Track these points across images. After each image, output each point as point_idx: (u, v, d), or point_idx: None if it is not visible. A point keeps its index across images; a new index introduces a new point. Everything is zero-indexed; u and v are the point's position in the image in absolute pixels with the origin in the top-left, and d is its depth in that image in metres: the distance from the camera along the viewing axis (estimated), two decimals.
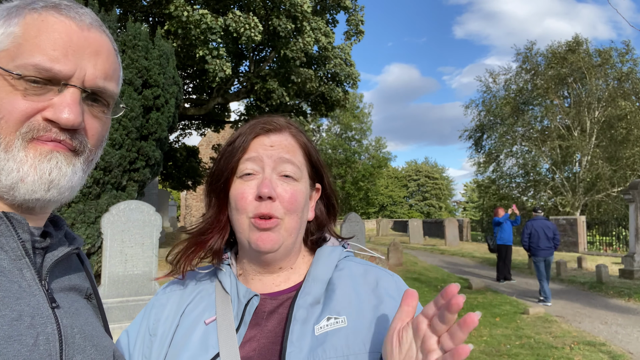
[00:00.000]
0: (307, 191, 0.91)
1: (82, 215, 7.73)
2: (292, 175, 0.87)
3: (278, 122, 0.91)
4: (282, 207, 0.84)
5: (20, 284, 0.62)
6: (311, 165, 0.93)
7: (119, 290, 6.09)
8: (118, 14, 12.95)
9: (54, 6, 0.67)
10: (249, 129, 0.89)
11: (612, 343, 6.24)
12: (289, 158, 0.87)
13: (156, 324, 0.90)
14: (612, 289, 10.16)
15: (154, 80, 8.98)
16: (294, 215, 0.86)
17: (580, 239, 19.20)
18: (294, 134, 0.92)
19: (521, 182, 30.60)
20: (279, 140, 0.89)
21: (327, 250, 0.93)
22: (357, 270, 0.92)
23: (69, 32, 0.65)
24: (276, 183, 0.85)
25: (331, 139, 52.46)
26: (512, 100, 28.89)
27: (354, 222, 11.80)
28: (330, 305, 0.84)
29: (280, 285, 0.90)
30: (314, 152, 0.93)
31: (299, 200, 0.86)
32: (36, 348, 0.59)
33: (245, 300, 0.86)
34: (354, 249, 1.02)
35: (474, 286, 10.53)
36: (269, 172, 0.85)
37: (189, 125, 21.53)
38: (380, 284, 0.89)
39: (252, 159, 0.86)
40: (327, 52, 16.63)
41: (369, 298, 0.86)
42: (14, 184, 0.63)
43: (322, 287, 0.86)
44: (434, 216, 55.00)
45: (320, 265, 0.90)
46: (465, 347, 0.62)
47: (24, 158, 0.63)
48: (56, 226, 0.74)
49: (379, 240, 27.21)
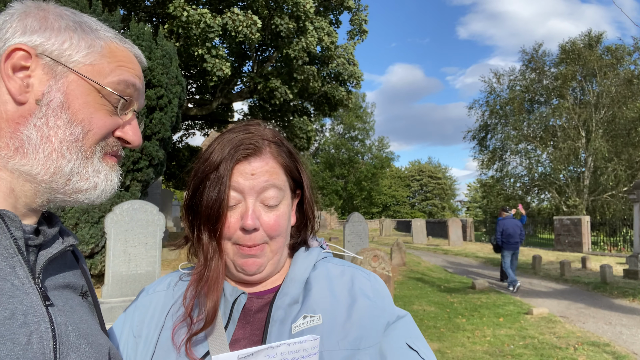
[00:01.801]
0: (289, 207, 0.92)
1: (86, 214, 7.76)
2: (274, 203, 0.86)
3: (257, 143, 0.87)
4: (266, 234, 0.85)
5: (13, 282, 0.61)
6: (292, 179, 0.93)
7: (123, 289, 6.11)
8: (121, 15, 13.00)
9: (121, 39, 0.76)
10: (229, 153, 0.85)
11: (616, 343, 6.21)
12: (271, 183, 0.86)
13: (140, 325, 0.89)
14: (617, 289, 10.11)
15: (157, 80, 9.00)
16: (279, 237, 0.88)
17: (585, 239, 19.12)
18: (275, 156, 0.89)
19: (526, 182, 30.49)
20: (260, 167, 0.86)
21: (304, 253, 0.95)
22: (334, 270, 0.94)
23: (137, 66, 0.77)
24: (259, 212, 0.85)
25: (334, 138, 52.45)
26: (517, 99, 28.77)
27: (357, 222, 11.80)
28: (307, 304, 0.86)
29: (267, 285, 0.92)
30: (294, 167, 0.92)
31: (282, 225, 0.87)
32: (29, 347, 0.59)
33: (232, 299, 0.87)
34: (332, 250, 1.04)
35: (477, 286, 10.50)
36: (252, 202, 0.84)
37: (192, 126, 21.56)
38: (356, 283, 0.91)
39: (234, 189, 0.85)
40: (330, 51, 16.62)
41: (344, 297, 0.88)
42: (87, 189, 0.70)
43: (299, 287, 0.88)
44: (437, 216, 54.92)
45: (297, 266, 0.92)
46: None
47: (100, 167, 0.71)
48: (50, 223, 0.73)
49: (382, 240, 27.18)
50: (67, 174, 0.67)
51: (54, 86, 0.66)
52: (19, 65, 0.65)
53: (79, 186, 0.69)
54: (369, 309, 0.88)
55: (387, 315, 0.89)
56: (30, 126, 0.65)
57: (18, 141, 0.65)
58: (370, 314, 0.87)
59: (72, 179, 0.68)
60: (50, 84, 0.66)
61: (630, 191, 12.36)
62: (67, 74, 0.67)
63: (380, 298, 0.91)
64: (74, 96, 0.67)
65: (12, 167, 0.65)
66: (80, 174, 0.69)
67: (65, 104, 0.67)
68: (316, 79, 16.35)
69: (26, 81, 0.65)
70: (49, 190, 0.68)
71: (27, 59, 0.65)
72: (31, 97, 0.65)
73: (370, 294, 0.90)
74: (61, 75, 0.67)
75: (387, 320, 0.88)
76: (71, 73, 0.67)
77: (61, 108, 0.66)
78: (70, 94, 0.67)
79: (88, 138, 0.68)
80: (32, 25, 0.67)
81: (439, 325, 7.24)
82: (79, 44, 0.68)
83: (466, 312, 8.18)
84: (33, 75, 0.66)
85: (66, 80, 0.67)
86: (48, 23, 0.68)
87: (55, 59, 0.66)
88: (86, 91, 0.68)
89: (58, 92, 0.66)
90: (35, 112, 0.65)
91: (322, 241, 1.02)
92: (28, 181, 0.66)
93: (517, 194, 30.12)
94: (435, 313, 8.10)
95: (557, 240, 20.37)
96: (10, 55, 0.65)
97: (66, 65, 0.67)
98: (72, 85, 0.67)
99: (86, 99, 0.68)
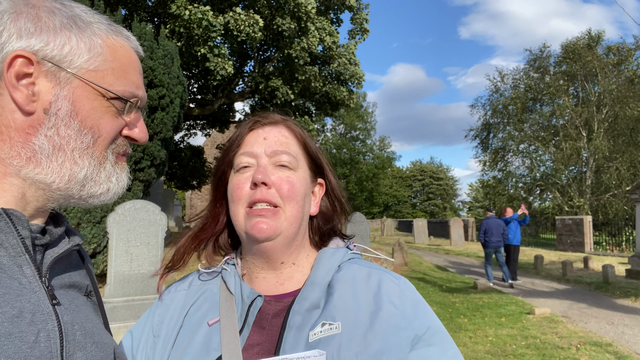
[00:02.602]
0: (307, 181, 0.89)
1: (88, 214, 7.77)
2: (287, 165, 0.86)
3: (274, 117, 0.92)
4: (278, 195, 0.83)
5: (21, 280, 0.62)
6: (309, 156, 0.92)
7: (125, 289, 6.12)
8: (123, 14, 13.01)
9: (117, 31, 0.73)
10: (245, 123, 0.91)
11: (618, 343, 6.19)
12: (284, 149, 0.87)
13: (160, 324, 0.89)
14: (619, 289, 10.10)
15: (158, 80, 9.01)
16: (294, 203, 0.84)
17: (587, 239, 19.07)
18: (289, 126, 0.92)
19: (528, 182, 30.43)
20: (274, 132, 0.89)
21: (329, 252, 0.89)
22: (359, 273, 0.87)
23: (138, 62, 0.76)
24: (271, 171, 0.85)
25: (335, 138, 52.42)
26: (520, 99, 28.73)
27: (359, 222, 11.78)
28: (328, 309, 0.80)
29: (285, 284, 0.88)
30: (311, 144, 0.92)
31: (296, 187, 0.85)
32: (37, 345, 0.59)
33: (249, 301, 0.84)
34: (359, 251, 0.97)
35: (479, 286, 10.49)
36: (264, 162, 0.86)
37: (194, 126, 21.57)
38: (383, 288, 0.84)
39: (246, 153, 0.87)
40: (331, 51, 16.61)
41: (367, 304, 0.82)
42: (101, 193, 0.71)
43: (320, 291, 0.83)
44: (438, 216, 54.84)
45: (320, 267, 0.86)
46: None
47: (112, 171, 0.72)
48: (56, 222, 0.74)
49: (384, 240, 27.17)
50: (81, 181, 0.68)
51: (60, 94, 0.65)
52: (22, 73, 0.63)
53: (93, 191, 0.70)
54: (394, 318, 0.80)
55: (416, 327, 0.80)
56: (42, 136, 0.65)
57: (30, 151, 0.64)
58: (395, 324, 0.79)
59: (87, 184, 0.69)
60: (57, 92, 0.65)
61: (632, 191, 12.33)
62: (71, 80, 0.66)
63: (410, 306, 0.83)
64: (81, 103, 0.67)
65: (25, 176, 0.65)
66: (94, 179, 0.70)
67: (74, 111, 0.66)
68: (317, 78, 16.35)
69: (31, 89, 0.64)
70: (64, 196, 0.69)
71: (28, 65, 0.63)
72: (39, 107, 0.64)
73: (397, 301, 0.82)
74: (65, 81, 0.66)
75: (416, 333, 0.79)
76: (75, 79, 0.66)
77: (70, 116, 0.66)
78: (77, 101, 0.66)
79: (98, 144, 0.69)
80: (27, 27, 0.64)
81: None
82: (78, 46, 0.67)
83: (468, 312, 8.17)
84: (37, 82, 0.64)
85: (71, 87, 0.66)
86: (42, 23, 0.65)
87: (57, 64, 0.65)
88: (92, 97, 0.68)
89: (65, 100, 0.65)
90: (45, 122, 0.65)
91: (350, 241, 0.96)
92: (41, 189, 0.67)
93: (520, 195, 30.06)
94: (437, 313, 8.06)
95: (559, 240, 20.32)
96: (12, 64, 0.62)
97: (70, 72, 0.66)
98: (78, 91, 0.67)
99: (93, 104, 0.68)
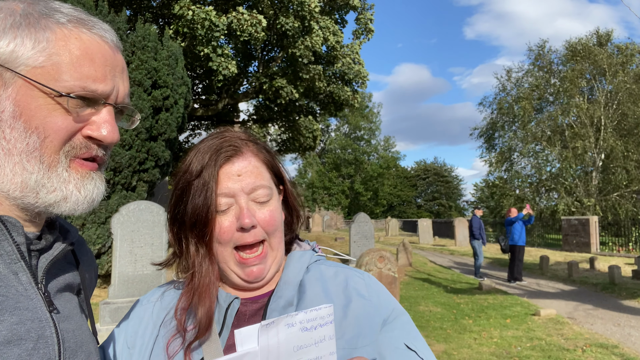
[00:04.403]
0: (279, 202, 0.93)
1: (93, 215, 7.81)
2: (266, 199, 0.87)
3: (236, 144, 0.87)
4: (264, 230, 0.86)
5: (17, 288, 0.62)
6: (273, 172, 0.93)
7: (129, 290, 6.14)
8: (127, 15, 13.07)
9: (80, 21, 0.67)
10: (210, 159, 0.85)
11: (624, 345, 6.14)
12: (260, 183, 0.86)
13: (134, 336, 0.90)
14: (625, 290, 10.01)
15: (163, 81, 9.03)
16: (277, 232, 0.89)
17: (593, 240, 18.94)
18: (255, 153, 0.89)
19: (534, 182, 30.27)
20: (245, 166, 0.86)
21: (297, 255, 0.96)
22: (327, 272, 0.94)
23: (104, 53, 0.67)
24: (253, 210, 0.85)
25: (340, 139, 52.42)
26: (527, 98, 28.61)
27: (363, 222, 11.76)
28: (302, 306, 0.86)
29: (261, 290, 0.91)
30: (273, 160, 0.93)
31: (277, 218, 0.88)
32: (36, 352, 0.59)
33: (225, 305, 0.86)
34: (325, 253, 1.05)
35: (484, 287, 10.44)
36: (245, 202, 0.84)
37: (198, 126, 21.66)
38: (350, 283, 0.92)
39: (224, 194, 0.84)
40: (335, 51, 16.61)
41: (338, 298, 0.89)
42: (57, 202, 0.65)
43: (293, 290, 0.88)
44: (443, 216, 54.70)
45: (291, 268, 0.92)
46: None
47: (67, 177, 0.65)
48: (50, 225, 0.73)
49: (388, 240, 27.10)
50: (33, 187, 0.63)
51: (3, 94, 0.62)
52: None
53: (48, 199, 0.64)
54: (364, 307, 0.88)
55: (383, 312, 0.89)
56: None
57: None
58: (365, 312, 0.88)
59: (40, 192, 0.64)
60: (0, 93, 0.62)
61: (639, 191, 12.22)
62: (15, 79, 0.62)
63: (376, 295, 0.91)
64: (25, 103, 0.62)
65: None
66: (46, 186, 0.64)
67: (17, 112, 0.62)
68: (322, 78, 16.35)
69: None
70: (27, 205, 0.65)
71: None
72: None
73: (364, 292, 0.91)
74: (10, 81, 0.62)
75: (383, 317, 0.89)
76: (19, 78, 0.62)
77: (14, 117, 0.62)
78: (20, 100, 0.62)
79: (46, 145, 0.63)
80: None
81: (445, 326, 7.21)
82: (23, 43, 0.62)
83: (473, 313, 8.13)
84: None
85: (15, 87, 0.62)
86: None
87: (2, 64, 0.62)
88: (37, 95, 0.62)
89: (8, 101, 0.62)
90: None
91: (315, 244, 1.02)
92: (5, 197, 0.64)
93: (527, 196, 29.90)
94: (441, 314, 8.07)
95: (564, 240, 20.20)
96: None
97: (13, 70, 0.62)
98: (22, 90, 0.62)
99: (37, 103, 0.62)
